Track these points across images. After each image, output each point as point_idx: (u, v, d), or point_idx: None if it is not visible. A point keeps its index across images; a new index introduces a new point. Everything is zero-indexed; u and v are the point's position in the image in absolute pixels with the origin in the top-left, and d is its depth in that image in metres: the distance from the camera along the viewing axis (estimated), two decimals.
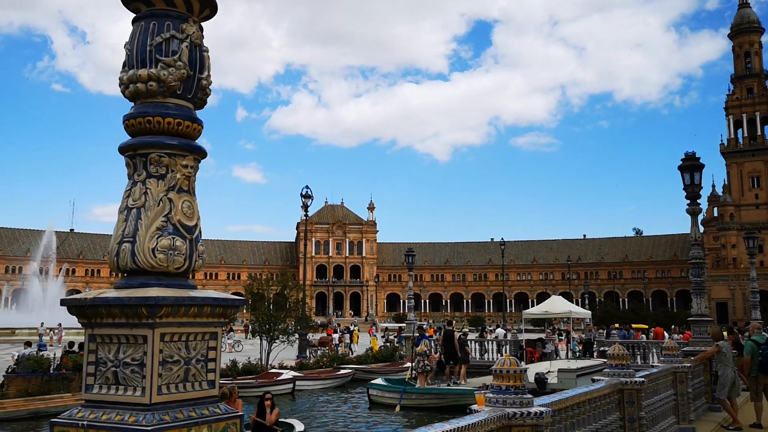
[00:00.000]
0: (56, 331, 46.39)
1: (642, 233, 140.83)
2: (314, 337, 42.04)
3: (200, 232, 3.23)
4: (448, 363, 24.48)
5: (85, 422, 2.85)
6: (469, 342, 28.78)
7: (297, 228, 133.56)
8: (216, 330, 3.14)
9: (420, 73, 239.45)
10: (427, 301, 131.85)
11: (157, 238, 3.02)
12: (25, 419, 18.05)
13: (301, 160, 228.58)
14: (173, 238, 3.05)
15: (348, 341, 43.32)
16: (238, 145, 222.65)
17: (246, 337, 46.50)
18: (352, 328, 55.42)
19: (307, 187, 35.52)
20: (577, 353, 34.57)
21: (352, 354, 35.85)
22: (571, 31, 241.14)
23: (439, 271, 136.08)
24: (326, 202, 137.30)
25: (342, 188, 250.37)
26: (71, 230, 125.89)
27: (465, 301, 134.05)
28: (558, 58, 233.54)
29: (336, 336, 43.55)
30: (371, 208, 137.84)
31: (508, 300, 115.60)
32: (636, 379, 8.96)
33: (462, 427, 4.98)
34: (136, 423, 2.77)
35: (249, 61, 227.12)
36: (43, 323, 48.29)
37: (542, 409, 5.63)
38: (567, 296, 68.30)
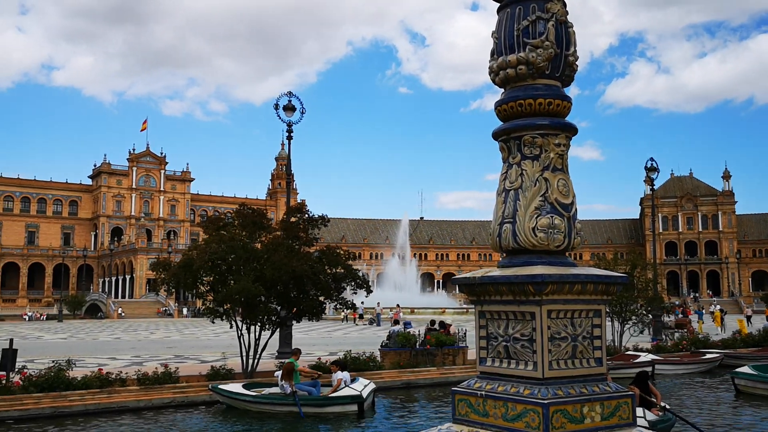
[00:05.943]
0: (394, 310, 50.80)
1: None
2: (668, 318, 39.47)
3: (576, 209, 3.21)
4: None
5: (483, 392, 3.05)
6: None
7: (641, 204, 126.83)
8: (600, 307, 3.08)
9: None
10: None
11: (536, 218, 3.07)
12: (399, 389, 20.16)
13: (640, 133, 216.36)
14: (551, 216, 3.08)
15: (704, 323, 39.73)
16: None
17: None
18: (712, 309, 50.85)
19: (651, 159, 33.43)
20: None
21: (717, 337, 32.78)
22: None
23: None
24: (672, 174, 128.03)
25: (689, 158, 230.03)
26: (421, 218, 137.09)
27: None
28: None
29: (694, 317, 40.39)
30: (726, 176, 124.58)
31: None
32: None
33: None
34: (531, 396, 2.85)
35: (580, 38, 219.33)
36: (379, 303, 54.34)
37: None
38: None
